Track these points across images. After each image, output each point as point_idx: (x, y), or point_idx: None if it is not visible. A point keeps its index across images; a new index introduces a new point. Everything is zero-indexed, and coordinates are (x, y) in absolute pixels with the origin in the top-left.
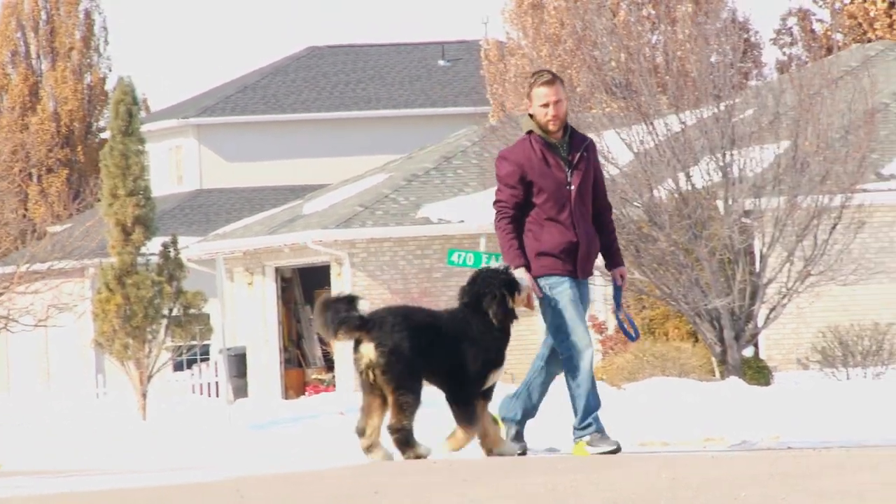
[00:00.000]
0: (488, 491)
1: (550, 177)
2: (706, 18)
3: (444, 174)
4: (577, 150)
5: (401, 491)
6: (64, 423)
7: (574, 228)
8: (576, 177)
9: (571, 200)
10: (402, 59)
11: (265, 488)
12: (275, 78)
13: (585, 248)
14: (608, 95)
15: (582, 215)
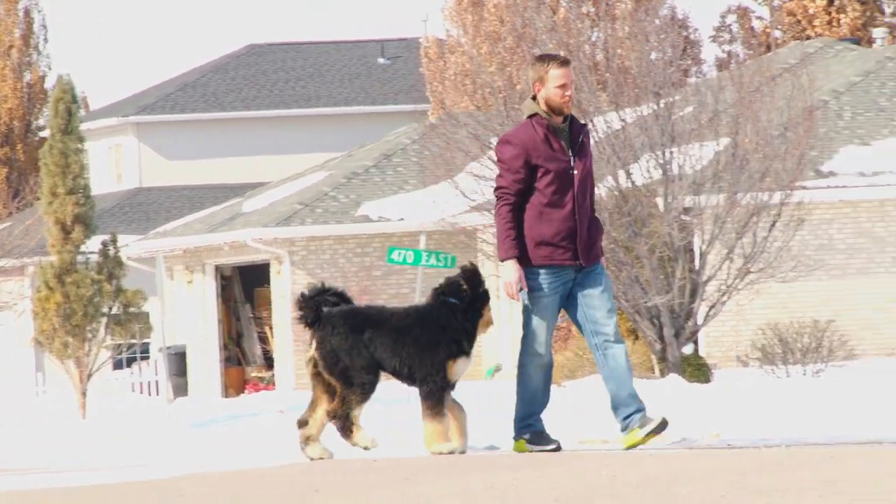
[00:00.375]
0: (429, 489)
1: (555, 161)
2: (646, 16)
3: (384, 172)
4: (576, 135)
5: (341, 489)
6: (3, 421)
7: (575, 214)
8: (578, 162)
9: (574, 186)
10: (342, 56)
11: (205, 487)
12: (214, 76)
13: (586, 233)
14: None
15: (583, 201)
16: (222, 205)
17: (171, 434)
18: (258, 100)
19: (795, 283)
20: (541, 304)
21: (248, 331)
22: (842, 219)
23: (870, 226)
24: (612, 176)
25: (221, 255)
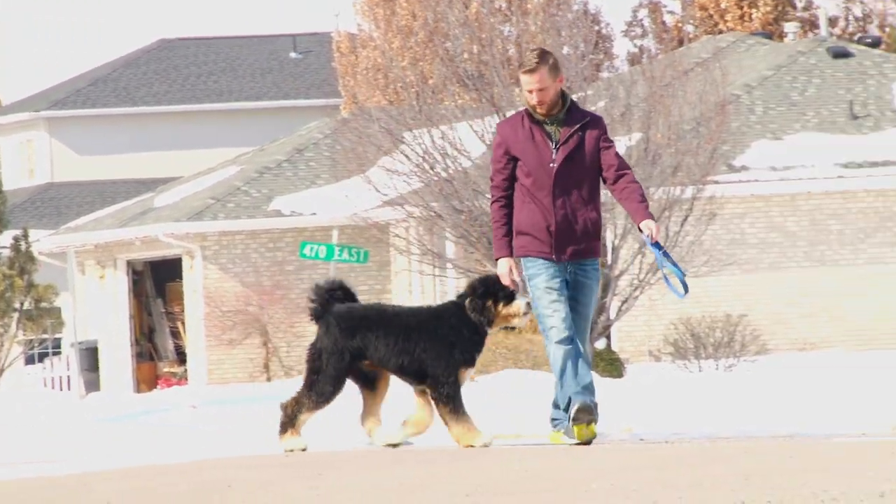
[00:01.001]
0: (340, 483)
1: (534, 154)
2: (558, 10)
3: (296, 166)
4: (570, 128)
5: (253, 484)
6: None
7: (553, 208)
8: (560, 154)
9: (552, 179)
10: (254, 51)
11: (116, 482)
12: (126, 71)
13: (563, 228)
14: (461, 87)
15: (567, 195)
16: (134, 200)
17: (83, 429)
18: (169, 94)
19: (708, 278)
20: (540, 291)
21: (161, 326)
22: (754, 213)
23: (781, 220)
24: None
25: (133, 250)
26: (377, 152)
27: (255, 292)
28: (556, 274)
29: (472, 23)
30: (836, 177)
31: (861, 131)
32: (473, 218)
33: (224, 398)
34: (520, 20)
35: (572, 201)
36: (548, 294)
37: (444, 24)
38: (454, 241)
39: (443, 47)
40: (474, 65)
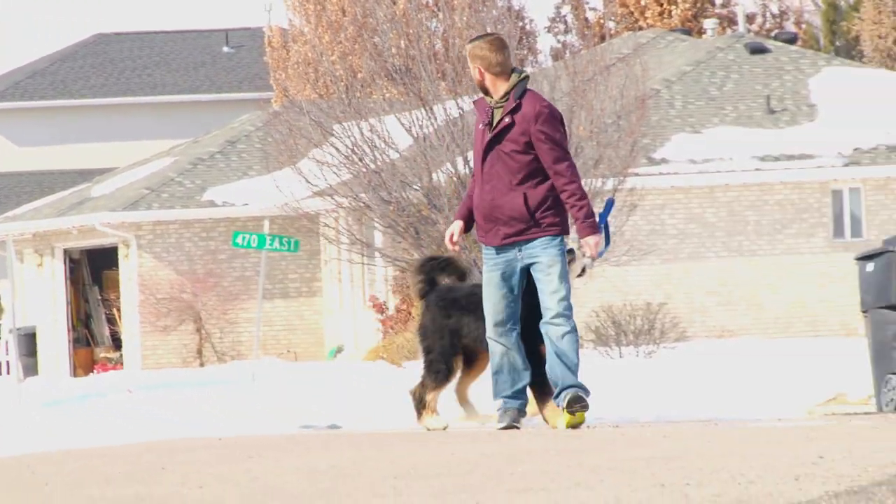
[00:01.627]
0: (273, 466)
1: (478, 139)
2: (483, 6)
3: (228, 158)
4: (504, 115)
5: (187, 466)
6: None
7: (483, 191)
8: (489, 137)
9: (481, 164)
10: (188, 45)
11: (56, 464)
12: (63, 64)
13: (486, 213)
14: (388, 81)
15: (494, 180)
16: (71, 190)
17: (22, 413)
18: (106, 87)
19: (629, 267)
20: (485, 280)
21: (97, 313)
22: (673, 205)
23: (700, 211)
24: (451, 163)
25: (70, 238)
26: (307, 144)
27: (188, 280)
28: (500, 266)
29: (399, 18)
30: (753, 169)
31: (778, 125)
32: (401, 208)
33: (158, 383)
34: (446, 16)
35: (498, 186)
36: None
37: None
38: (382, 231)
39: (371, 42)
40: (402, 59)
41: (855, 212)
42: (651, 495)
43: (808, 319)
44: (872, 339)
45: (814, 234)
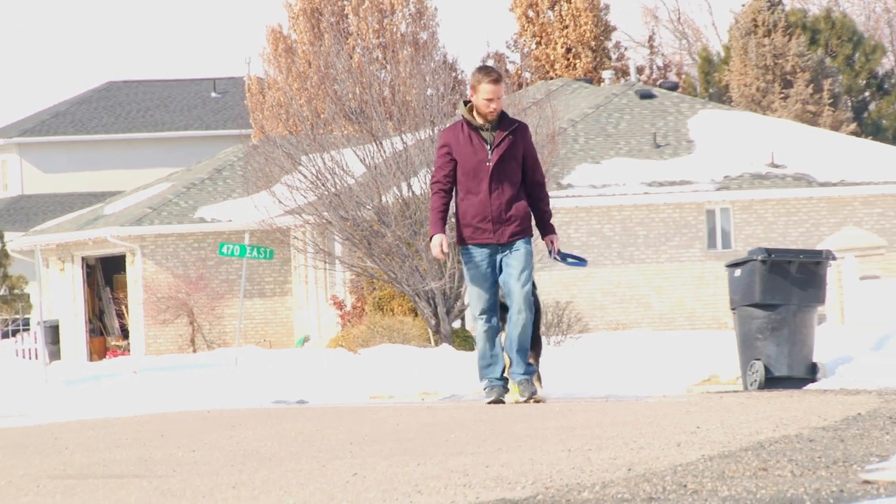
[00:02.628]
0: (250, 433)
1: (472, 155)
2: (423, 60)
3: (215, 183)
4: (502, 132)
5: (181, 434)
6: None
7: (489, 199)
8: (495, 154)
9: (489, 175)
10: (182, 91)
11: (75, 432)
12: (80, 106)
13: (499, 216)
14: (346, 121)
15: (502, 188)
16: (87, 209)
17: (47, 390)
18: (115, 125)
19: (542, 273)
20: (471, 275)
21: (109, 308)
22: (577, 222)
23: (599, 227)
24: (397, 187)
25: (87, 248)
26: (280, 172)
27: (183, 282)
28: (485, 261)
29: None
30: (642, 193)
31: (662, 157)
32: (356, 224)
33: (158, 366)
34: (393, 68)
35: (506, 193)
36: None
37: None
38: (341, 243)
39: (332, 89)
40: (357, 103)
41: (725, 228)
42: (559, 458)
43: (687, 315)
44: (739, 332)
45: (692, 245)
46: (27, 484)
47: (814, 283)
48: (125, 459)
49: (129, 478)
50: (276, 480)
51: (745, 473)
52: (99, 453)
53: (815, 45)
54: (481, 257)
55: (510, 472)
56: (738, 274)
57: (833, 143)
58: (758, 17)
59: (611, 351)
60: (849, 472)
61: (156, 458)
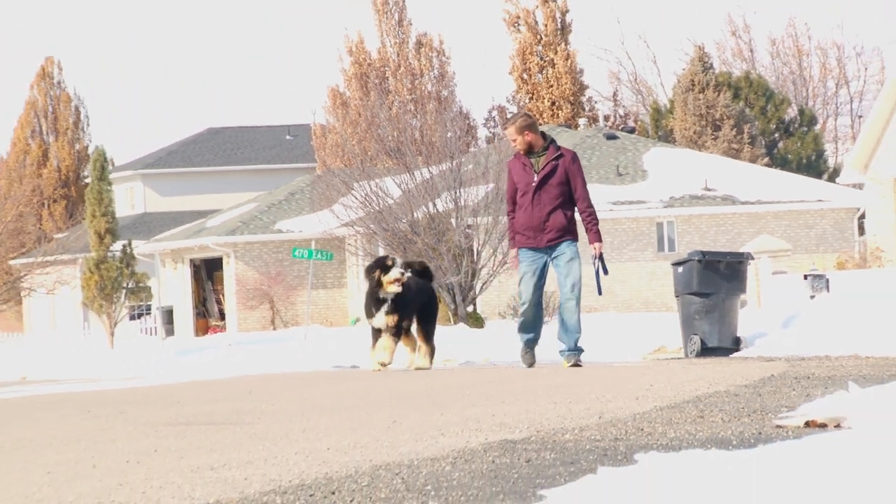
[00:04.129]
0: (316, 390)
1: (524, 176)
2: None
3: (290, 203)
4: (547, 160)
5: (264, 391)
6: (65, 352)
7: (532, 211)
8: (538, 177)
9: (532, 193)
10: (264, 134)
11: (185, 390)
12: (188, 145)
13: (540, 225)
14: (387, 157)
15: (542, 203)
16: (194, 223)
17: (163, 359)
18: (214, 160)
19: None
20: (521, 272)
21: (210, 297)
22: None
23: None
24: (426, 206)
25: (193, 252)
26: (337, 195)
27: (265, 278)
28: (535, 262)
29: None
30: (608, 210)
31: (624, 183)
32: (394, 234)
33: (247, 340)
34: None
35: (546, 207)
36: (523, 272)
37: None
38: (383, 248)
39: (376, 133)
40: (395, 143)
41: (671, 236)
42: (547, 408)
43: (643, 301)
44: (681, 313)
45: (646, 249)
46: (148, 429)
47: (737, 277)
48: (222, 410)
49: (225, 424)
50: (334, 426)
51: (687, 420)
52: (202, 406)
53: (738, 99)
54: (529, 257)
55: (510, 419)
56: (680, 270)
57: (751, 173)
58: (694, 78)
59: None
60: (765, 419)
61: (245, 409)
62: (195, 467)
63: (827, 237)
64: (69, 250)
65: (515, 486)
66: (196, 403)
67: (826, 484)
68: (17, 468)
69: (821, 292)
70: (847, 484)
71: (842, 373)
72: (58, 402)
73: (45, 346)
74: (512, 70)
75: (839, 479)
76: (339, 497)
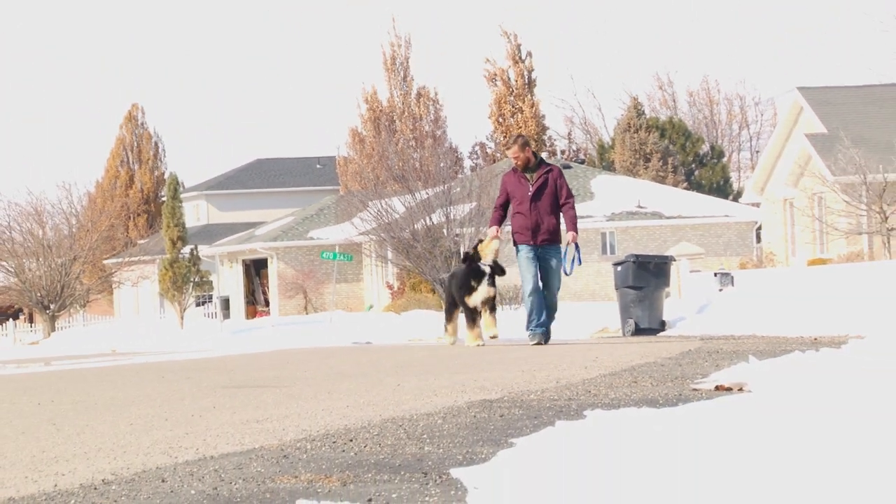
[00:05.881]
0: (338, 360)
1: (520, 188)
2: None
3: (319, 217)
4: (539, 174)
5: (299, 361)
6: (146, 331)
7: (529, 216)
8: (533, 188)
9: (528, 201)
10: (300, 163)
11: (237, 360)
12: (241, 171)
13: (535, 226)
14: (394, 181)
15: (539, 210)
16: (245, 232)
17: (221, 336)
18: (261, 183)
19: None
20: (521, 264)
21: (257, 289)
22: None
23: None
24: (423, 220)
25: (245, 255)
26: (356, 211)
27: (300, 274)
28: (531, 255)
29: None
30: None
31: (576, 203)
32: (400, 241)
33: (286, 322)
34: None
35: (540, 213)
36: (524, 263)
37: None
38: (392, 251)
39: (386, 163)
40: (400, 171)
41: (612, 243)
42: (517, 375)
43: (591, 293)
44: (620, 302)
45: (593, 253)
46: (208, 391)
47: (663, 274)
48: (266, 377)
49: (268, 387)
50: (353, 389)
51: (624, 384)
52: (250, 373)
53: (664, 138)
54: (526, 250)
55: (489, 383)
56: (619, 269)
57: (674, 195)
58: (630, 121)
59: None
60: (684, 384)
61: (283, 375)
62: (244, 420)
63: (732, 244)
64: (149, 253)
65: (492, 435)
66: (246, 371)
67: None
68: (108, 420)
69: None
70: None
71: (744, 348)
72: (139, 369)
73: (130, 327)
74: (490, 115)
75: (741, 428)
76: (355, 444)
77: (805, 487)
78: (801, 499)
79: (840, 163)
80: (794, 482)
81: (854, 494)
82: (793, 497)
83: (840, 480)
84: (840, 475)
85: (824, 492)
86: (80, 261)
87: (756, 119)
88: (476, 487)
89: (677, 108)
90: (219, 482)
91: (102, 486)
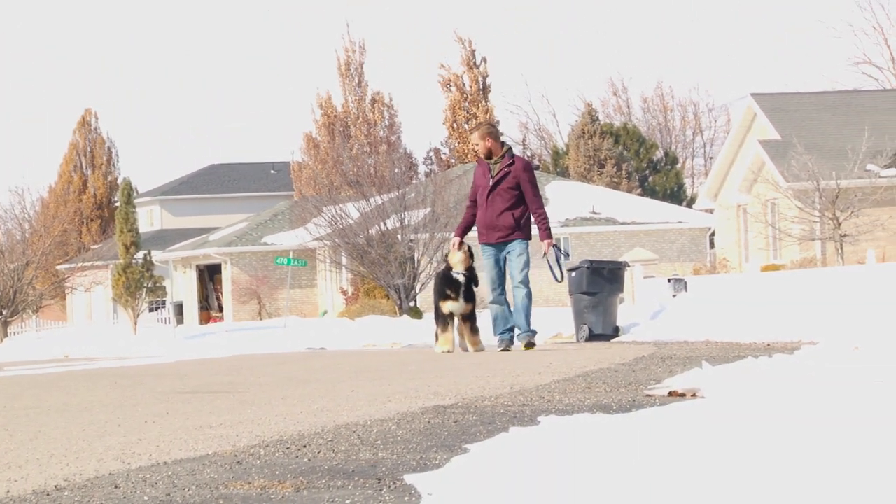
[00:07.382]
0: (292, 366)
1: (482, 180)
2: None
3: (273, 223)
4: (501, 167)
5: (252, 367)
6: (99, 337)
7: (486, 211)
8: (493, 182)
9: (487, 195)
10: (254, 168)
11: (190, 366)
12: (195, 177)
13: (491, 223)
14: (349, 187)
15: (494, 205)
16: (199, 237)
17: (175, 342)
18: (216, 189)
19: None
20: (485, 265)
21: (211, 295)
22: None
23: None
24: (378, 225)
25: (198, 260)
26: (310, 216)
27: (254, 280)
28: (493, 255)
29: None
30: None
31: None
32: (354, 246)
33: (239, 328)
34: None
35: (499, 208)
36: (487, 268)
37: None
38: (345, 257)
39: (340, 169)
40: (354, 176)
41: (566, 248)
42: (471, 381)
43: (545, 298)
44: (574, 308)
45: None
46: (161, 397)
47: (617, 280)
48: (219, 382)
49: (221, 393)
50: (307, 394)
51: (578, 390)
52: (204, 378)
53: (618, 144)
54: (488, 251)
55: (443, 389)
56: (573, 275)
57: (628, 200)
58: (585, 127)
59: None
60: (638, 389)
61: (237, 381)
62: (198, 426)
63: (686, 250)
64: (102, 258)
65: (446, 441)
66: (199, 377)
67: (683, 438)
68: (61, 426)
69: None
70: (699, 437)
71: (697, 354)
72: (92, 375)
73: (83, 332)
74: (445, 121)
75: (693, 434)
76: (309, 450)
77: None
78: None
79: (793, 169)
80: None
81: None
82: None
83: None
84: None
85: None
86: (32, 266)
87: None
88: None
89: (631, 114)
90: (172, 488)
91: (55, 492)
